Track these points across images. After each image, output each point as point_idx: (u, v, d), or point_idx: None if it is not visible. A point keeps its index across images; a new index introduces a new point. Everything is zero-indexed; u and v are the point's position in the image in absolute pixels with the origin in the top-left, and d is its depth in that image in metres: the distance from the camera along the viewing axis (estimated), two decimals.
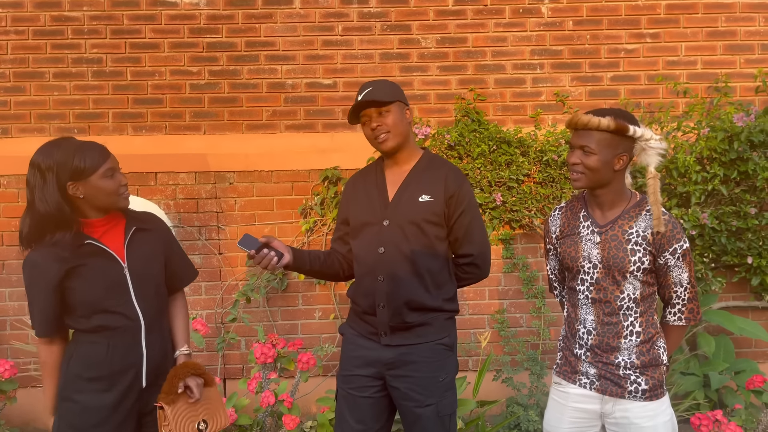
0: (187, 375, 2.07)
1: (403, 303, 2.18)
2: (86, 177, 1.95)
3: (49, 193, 1.92)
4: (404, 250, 2.18)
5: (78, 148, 1.95)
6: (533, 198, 3.85)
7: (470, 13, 3.95)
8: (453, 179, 2.22)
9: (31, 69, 3.88)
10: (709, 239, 3.73)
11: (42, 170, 1.93)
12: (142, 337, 2.06)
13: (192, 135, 3.94)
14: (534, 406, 3.64)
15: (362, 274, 2.26)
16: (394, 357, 2.21)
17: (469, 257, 2.27)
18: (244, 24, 3.91)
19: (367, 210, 2.26)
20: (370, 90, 2.19)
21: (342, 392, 2.30)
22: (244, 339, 3.96)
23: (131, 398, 2.06)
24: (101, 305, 2.00)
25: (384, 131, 2.19)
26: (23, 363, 3.84)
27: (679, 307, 2.07)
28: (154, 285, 2.11)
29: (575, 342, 2.11)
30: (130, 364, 2.04)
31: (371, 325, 2.25)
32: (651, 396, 2.01)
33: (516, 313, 4.00)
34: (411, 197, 2.21)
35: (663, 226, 1.96)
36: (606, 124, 1.94)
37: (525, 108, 4.00)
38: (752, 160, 3.65)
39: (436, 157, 2.30)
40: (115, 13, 3.87)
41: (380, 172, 2.32)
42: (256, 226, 3.92)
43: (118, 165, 2.04)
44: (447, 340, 2.26)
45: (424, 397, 2.19)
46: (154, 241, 2.15)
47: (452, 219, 2.22)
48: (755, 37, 3.99)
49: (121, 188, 2.02)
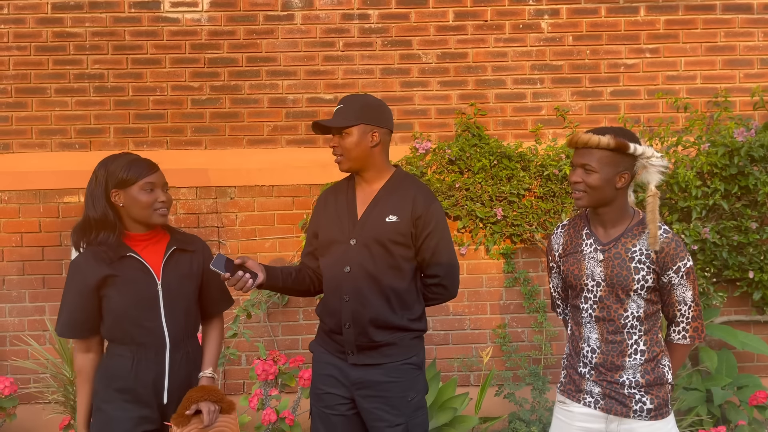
0: (202, 399, 2.04)
1: (368, 321, 2.18)
2: (127, 186, 2.06)
3: (98, 198, 2.07)
4: (369, 270, 2.18)
5: (130, 161, 2.08)
6: (534, 212, 3.86)
7: (471, 28, 3.97)
8: (421, 200, 2.21)
9: (33, 84, 3.88)
10: (710, 254, 3.73)
11: (97, 177, 2.08)
12: (166, 355, 2.10)
13: (193, 150, 3.94)
14: (536, 422, 3.62)
15: (329, 292, 2.26)
16: (362, 377, 2.21)
17: (436, 278, 2.27)
18: (245, 39, 3.92)
19: (335, 228, 2.26)
20: (340, 108, 2.20)
21: (315, 410, 2.31)
22: (244, 354, 3.95)
23: (153, 413, 2.09)
24: (130, 317, 2.06)
25: (338, 153, 2.21)
26: (23, 380, 3.82)
27: (683, 325, 2.06)
28: (185, 305, 2.16)
29: (579, 360, 2.11)
30: (153, 380, 2.08)
31: (339, 343, 2.25)
32: (656, 415, 2.00)
33: (517, 327, 3.99)
34: (378, 217, 2.20)
35: (658, 244, 1.96)
36: (606, 142, 1.95)
37: (525, 123, 4.02)
38: (753, 175, 3.66)
39: (407, 176, 2.30)
40: (116, 29, 3.89)
41: (351, 189, 2.31)
42: (257, 241, 3.92)
43: (163, 184, 2.13)
44: (415, 359, 2.26)
45: (393, 417, 2.19)
46: (193, 262, 2.20)
47: (419, 239, 2.22)
48: (754, 52, 4.01)
49: (157, 204, 2.09)
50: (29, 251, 3.86)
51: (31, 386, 3.81)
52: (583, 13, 3.98)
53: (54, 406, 3.67)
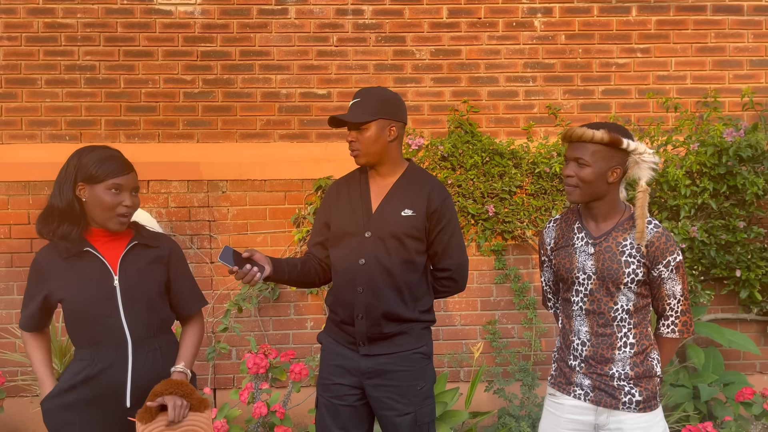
0: (167, 392, 1.91)
1: (381, 314, 2.20)
2: (94, 183, 1.96)
3: (65, 188, 1.97)
4: (384, 263, 2.19)
5: (105, 157, 1.99)
6: (525, 209, 3.88)
7: (464, 25, 3.99)
8: (436, 195, 2.24)
9: (24, 75, 3.85)
10: (698, 252, 3.77)
11: (69, 166, 1.99)
12: (128, 354, 1.98)
13: (185, 143, 3.93)
14: (526, 418, 3.65)
15: (341, 284, 2.26)
16: (373, 366, 2.23)
17: (447, 271, 2.30)
18: (238, 33, 3.92)
19: (349, 219, 2.25)
20: (356, 102, 2.19)
21: (322, 400, 2.31)
22: (235, 349, 3.94)
23: (116, 418, 1.98)
24: (87, 317, 1.97)
25: (356, 148, 2.20)
26: (10, 372, 3.79)
27: (672, 319, 2.08)
28: (147, 302, 2.03)
29: (570, 353, 2.12)
30: (115, 382, 1.97)
31: (349, 334, 2.26)
32: (645, 407, 2.03)
33: (508, 324, 4.01)
34: (393, 210, 2.21)
35: (645, 240, 1.99)
36: (600, 136, 1.97)
37: (518, 120, 4.04)
38: (741, 175, 3.70)
39: (420, 170, 2.31)
40: (109, 21, 3.87)
41: (365, 181, 2.31)
42: (248, 235, 3.91)
43: (133, 187, 2.01)
44: (424, 349, 2.29)
45: (403, 406, 2.21)
46: (155, 258, 2.09)
47: (433, 234, 2.24)
48: (744, 53, 4.05)
49: (121, 208, 1.97)
50: (18, 243, 3.83)
51: (18, 379, 3.78)
52: (576, 12, 4.01)
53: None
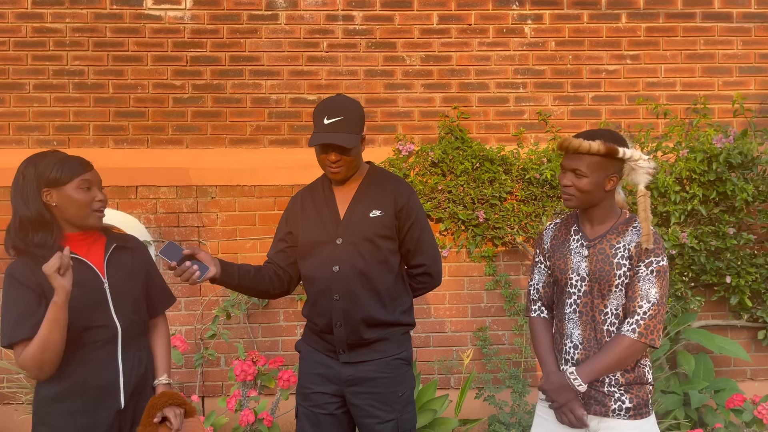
0: (166, 405, 1.98)
1: (360, 320, 2.18)
2: (60, 185, 1.94)
3: (31, 197, 1.93)
4: (359, 267, 2.18)
5: (62, 159, 1.97)
6: (516, 216, 3.87)
7: (454, 32, 3.99)
8: (402, 192, 2.24)
9: (11, 80, 3.82)
10: (688, 258, 3.77)
11: (25, 176, 1.94)
12: (118, 354, 2.00)
13: (174, 149, 3.90)
14: (516, 425, 3.63)
15: (316, 293, 2.23)
16: (353, 374, 2.21)
17: (421, 267, 2.31)
18: (228, 39, 3.90)
19: (317, 229, 2.23)
20: (340, 121, 2.10)
21: (302, 410, 2.29)
22: (223, 356, 3.90)
23: (110, 420, 1.98)
24: (80, 322, 1.94)
25: (340, 167, 2.16)
26: None
27: (637, 318, 1.96)
28: (133, 302, 2.07)
29: (561, 357, 2.11)
30: (107, 383, 1.98)
31: (329, 342, 2.24)
32: (635, 414, 2.01)
33: (498, 330, 4.00)
34: (362, 213, 2.21)
35: (651, 243, 1.98)
36: (596, 148, 1.97)
37: (508, 126, 4.04)
38: (731, 181, 3.71)
39: (382, 170, 2.32)
40: (98, 26, 3.84)
41: (328, 188, 2.29)
42: (237, 241, 3.89)
43: (99, 182, 2.02)
44: (404, 355, 2.28)
45: (384, 413, 2.19)
46: (135, 260, 2.12)
47: (403, 231, 2.24)
48: (733, 60, 4.07)
49: (96, 203, 1.98)
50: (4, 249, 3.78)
51: (3, 386, 3.73)
52: (566, 18, 4.02)
53: (27, 406, 3.59)
